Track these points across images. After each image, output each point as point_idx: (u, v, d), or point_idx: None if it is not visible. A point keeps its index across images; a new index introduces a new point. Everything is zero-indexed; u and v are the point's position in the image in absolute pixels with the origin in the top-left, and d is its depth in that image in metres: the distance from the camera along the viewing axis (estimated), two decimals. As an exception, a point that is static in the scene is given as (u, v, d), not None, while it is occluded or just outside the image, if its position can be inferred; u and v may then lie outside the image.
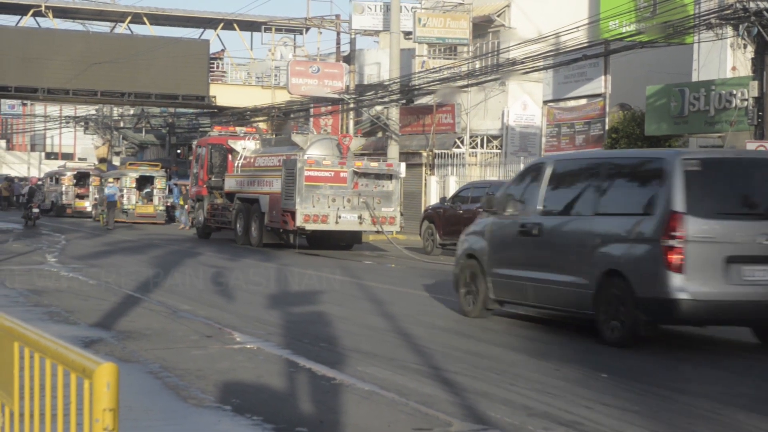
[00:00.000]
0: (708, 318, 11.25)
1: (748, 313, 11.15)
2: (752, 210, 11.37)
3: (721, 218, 11.03)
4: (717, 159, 11.86)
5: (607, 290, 11.42)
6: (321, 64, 46.79)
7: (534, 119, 38.45)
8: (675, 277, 10.73)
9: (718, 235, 10.91)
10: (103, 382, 3.24)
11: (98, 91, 51.61)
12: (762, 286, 10.93)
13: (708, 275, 10.83)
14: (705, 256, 10.85)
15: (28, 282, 17.19)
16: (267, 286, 17.91)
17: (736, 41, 26.46)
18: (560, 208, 12.64)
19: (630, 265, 11.21)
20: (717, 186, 11.27)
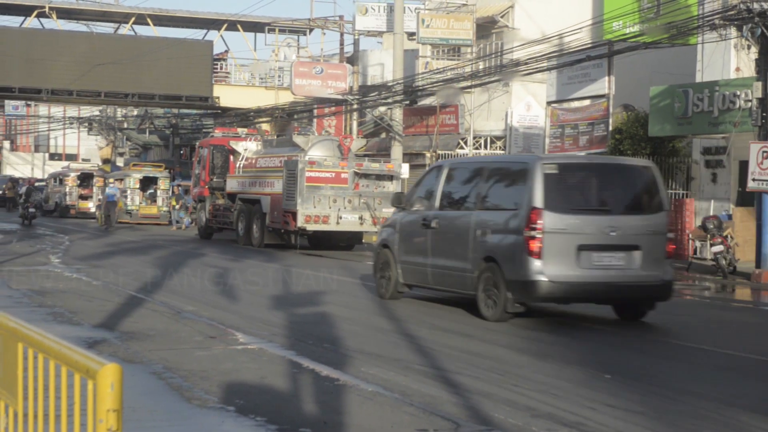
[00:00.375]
0: (563, 297, 13.52)
1: (597, 293, 13.44)
2: (600, 206, 13.56)
3: (574, 213, 13.17)
4: (571, 164, 14.44)
5: (484, 274, 13.57)
6: (324, 65, 46.78)
7: (537, 120, 38.44)
8: (535, 263, 12.88)
9: (571, 227, 13.04)
10: (106, 383, 3.24)
11: (102, 92, 51.65)
12: (608, 269, 13.19)
13: (563, 261, 12.97)
14: (560, 245, 12.97)
15: (32, 283, 17.21)
16: (270, 286, 17.91)
17: (740, 42, 26.44)
18: (452, 204, 14.88)
19: (501, 253, 13.37)
20: (571, 186, 13.56)
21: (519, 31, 38.36)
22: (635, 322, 13.96)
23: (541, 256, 12.87)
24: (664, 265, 13.78)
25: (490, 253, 13.53)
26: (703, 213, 27.33)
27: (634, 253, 13.36)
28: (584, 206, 13.46)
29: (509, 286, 13.11)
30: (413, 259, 15.29)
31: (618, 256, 13.31)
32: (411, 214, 15.59)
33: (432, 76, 38.18)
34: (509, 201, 13.66)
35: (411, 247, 15.41)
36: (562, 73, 33.39)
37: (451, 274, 14.40)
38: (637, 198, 14.04)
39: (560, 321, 13.93)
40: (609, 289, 13.36)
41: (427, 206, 15.25)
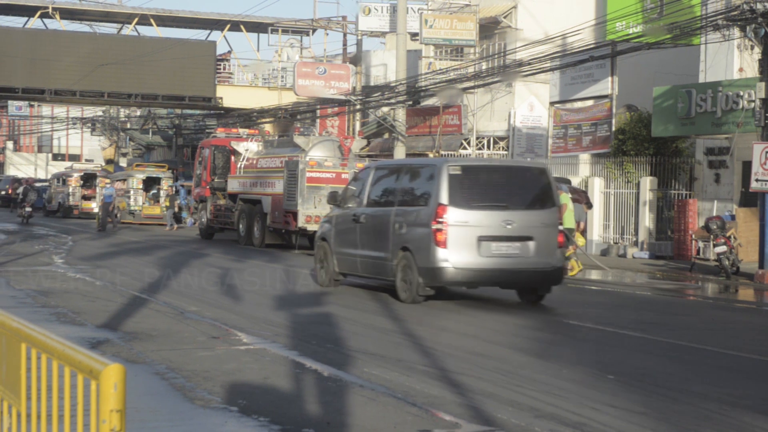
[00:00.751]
0: (466, 281, 15.43)
1: (496, 278, 15.39)
2: (498, 203, 15.36)
3: (474, 209, 15.10)
4: (473, 166, 16.58)
5: (401, 262, 15.50)
6: (327, 66, 46.79)
7: (540, 120, 38.43)
8: (441, 252, 14.86)
9: (472, 221, 15.00)
10: (110, 383, 3.25)
11: (105, 92, 51.70)
12: (505, 257, 15.17)
13: (465, 250, 14.91)
14: (463, 236, 14.92)
15: (36, 283, 17.23)
16: (273, 287, 17.92)
17: (744, 42, 26.41)
18: (377, 201, 16.80)
19: (414, 243, 15.31)
20: (472, 185, 15.41)
21: (522, 32, 38.35)
22: (638, 324, 13.97)
23: (446, 246, 14.88)
24: (556, 254, 15.58)
25: (405, 244, 15.51)
26: (707, 213, 27.32)
27: (529, 243, 15.27)
28: (484, 202, 15.32)
29: (420, 272, 15.11)
30: (346, 250, 17.22)
31: (514, 245, 15.22)
32: (344, 211, 17.53)
33: (435, 76, 38.18)
34: (421, 198, 15.59)
35: (344, 240, 17.32)
36: (565, 74, 33.38)
37: (375, 262, 16.35)
38: (531, 196, 15.88)
39: (562, 322, 13.93)
40: (506, 274, 15.32)
41: (357, 203, 17.23)
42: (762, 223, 22.87)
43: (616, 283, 22.14)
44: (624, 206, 30.58)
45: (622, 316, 15.17)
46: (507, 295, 16.65)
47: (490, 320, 13.91)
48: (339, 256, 17.37)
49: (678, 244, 28.14)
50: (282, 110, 48.45)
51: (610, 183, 31.09)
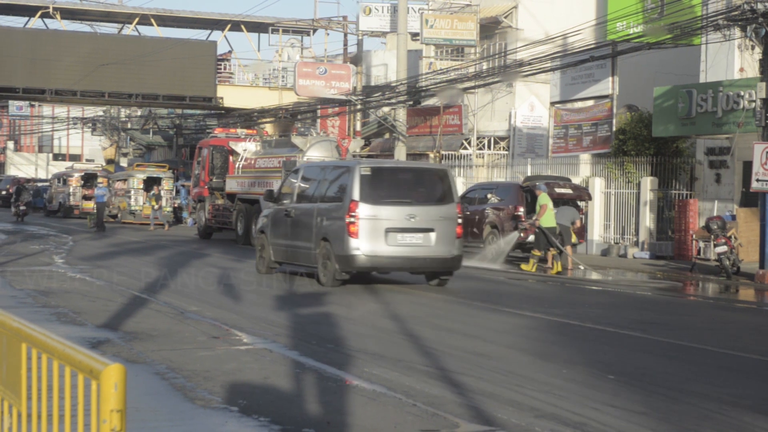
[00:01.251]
0: (375, 267, 17.74)
1: (401, 264, 17.75)
2: (403, 199, 17.57)
3: (382, 204, 17.31)
4: (382, 167, 18.63)
5: (321, 251, 17.77)
6: (328, 66, 46.79)
7: (541, 120, 38.43)
8: (353, 241, 17.11)
9: (381, 215, 17.27)
10: (110, 383, 3.25)
11: (106, 92, 51.70)
12: (409, 246, 17.41)
13: (374, 240, 17.15)
14: (372, 228, 17.14)
15: (36, 283, 17.23)
16: (273, 287, 17.92)
17: (744, 42, 26.40)
18: (304, 198, 19.06)
19: (332, 234, 17.55)
20: (381, 184, 17.58)
21: (522, 32, 38.36)
22: (638, 324, 13.98)
23: (358, 237, 17.16)
24: (454, 243, 17.82)
25: (325, 235, 17.77)
26: (707, 213, 27.31)
27: (430, 234, 17.57)
28: (391, 199, 17.50)
29: (337, 260, 17.34)
30: (279, 241, 19.57)
31: (417, 236, 17.51)
32: (279, 207, 19.89)
33: (435, 76, 38.19)
34: (338, 195, 17.88)
35: (278, 232, 19.65)
36: (565, 74, 33.38)
37: (302, 252, 18.66)
38: (433, 193, 18.08)
39: (563, 322, 13.93)
40: (411, 261, 17.67)
41: (289, 200, 19.56)
42: (763, 223, 22.86)
43: (617, 282, 22.14)
44: (624, 206, 30.57)
45: (623, 316, 15.18)
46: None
47: (490, 320, 13.91)
48: (274, 246, 19.76)
49: (678, 244, 28.14)
50: (282, 110, 48.45)
51: (611, 183, 31.09)
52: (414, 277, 19.64)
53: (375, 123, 45.91)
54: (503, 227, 26.07)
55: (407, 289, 18.28)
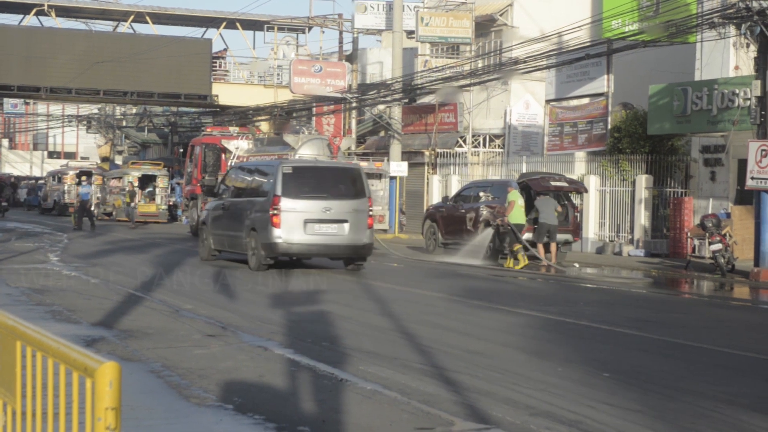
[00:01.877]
0: (295, 253, 20.41)
1: (318, 251, 20.48)
2: (319, 194, 20.19)
3: (301, 198, 19.97)
4: (301, 166, 21.44)
5: (250, 239, 20.39)
6: (323, 63, 46.74)
7: (536, 118, 38.44)
8: (276, 231, 19.74)
9: (300, 208, 19.92)
10: (105, 381, 3.24)
11: (101, 90, 51.63)
12: (325, 235, 20.11)
13: (294, 230, 19.80)
14: (292, 219, 19.77)
15: (31, 281, 17.20)
16: (268, 285, 17.92)
17: (739, 40, 26.44)
18: (238, 193, 21.97)
19: (258, 224, 20.19)
20: (300, 181, 20.20)
21: (518, 30, 38.36)
22: (633, 322, 14.00)
23: (279, 227, 19.76)
24: (365, 233, 20.49)
25: (253, 225, 20.35)
26: (702, 211, 27.35)
27: (344, 225, 20.18)
28: (309, 194, 20.11)
29: (262, 247, 19.99)
30: (218, 231, 22.12)
31: (332, 227, 20.11)
32: (218, 200, 22.65)
33: (431, 74, 38.17)
34: (263, 190, 20.55)
35: (216, 224, 22.18)
36: (561, 72, 33.39)
37: (235, 240, 21.26)
38: (347, 189, 20.66)
39: (558, 320, 13.93)
40: (326, 248, 20.38)
41: (227, 194, 22.34)
42: (757, 221, 22.89)
43: (612, 280, 22.15)
44: (620, 204, 30.60)
45: (618, 313, 15.19)
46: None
47: (486, 318, 13.92)
48: (213, 236, 22.36)
49: (673, 242, 28.18)
50: (278, 108, 48.42)
51: (606, 181, 31.11)
52: (415, 279, 19.61)
53: (370, 121, 45.88)
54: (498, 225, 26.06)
55: (403, 287, 18.29)
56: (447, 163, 39.95)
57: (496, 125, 39.87)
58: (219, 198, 22.61)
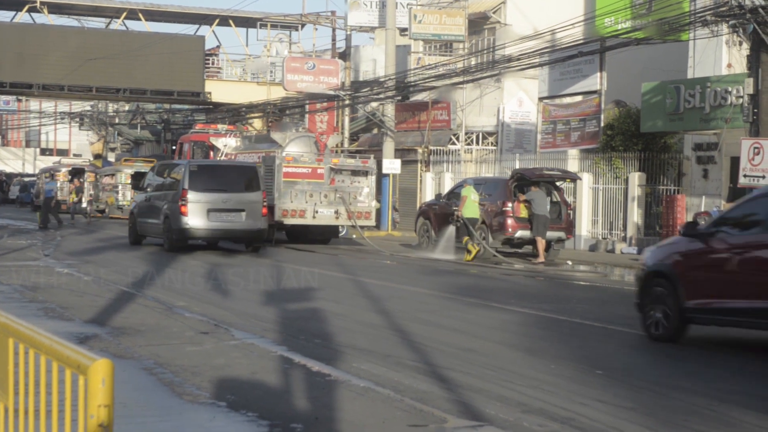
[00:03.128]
0: (200, 237, 24.66)
1: (219, 235, 24.89)
2: (220, 188, 24.45)
3: (205, 191, 24.13)
4: (205, 165, 26.38)
5: (165, 225, 24.45)
6: (316, 61, 46.68)
7: (529, 116, 38.45)
8: (184, 218, 23.91)
9: (203, 199, 24.03)
10: (98, 379, 3.24)
11: (93, 87, 51.50)
12: (225, 222, 24.38)
13: (199, 217, 23.99)
14: (198, 209, 23.93)
15: (23, 278, 17.17)
16: (261, 282, 17.91)
17: (732, 38, 26.46)
18: (159, 187, 25.97)
19: (171, 213, 24.24)
20: (205, 177, 24.48)
21: (511, 27, 38.37)
22: (626, 320, 14.03)
23: (187, 215, 23.92)
24: (259, 220, 24.73)
25: (167, 214, 24.43)
26: (695, 209, 27.38)
27: (241, 213, 24.47)
28: (211, 187, 24.35)
29: (173, 232, 24.22)
30: (143, 219, 26.15)
31: (231, 215, 24.41)
32: (144, 194, 26.87)
33: (424, 71, 38.17)
34: (175, 185, 24.70)
35: (141, 213, 26.32)
36: (554, 69, 33.40)
37: (155, 227, 25.28)
38: (243, 183, 24.90)
39: (550, 317, 13.94)
40: (227, 233, 24.87)
41: (151, 188, 26.51)
42: (750, 219, 22.88)
43: (604, 278, 22.17)
44: (612, 202, 30.63)
45: (610, 311, 15.20)
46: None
47: (479, 316, 13.92)
48: (139, 223, 26.41)
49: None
50: (271, 105, 48.38)
51: (599, 178, 31.13)
52: (408, 276, 19.56)
53: (363, 118, 45.85)
54: (492, 223, 26.10)
55: (397, 285, 18.29)
56: (440, 161, 39.95)
57: (489, 123, 39.88)
58: (144, 192, 26.98)
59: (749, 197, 11.78)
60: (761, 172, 21.89)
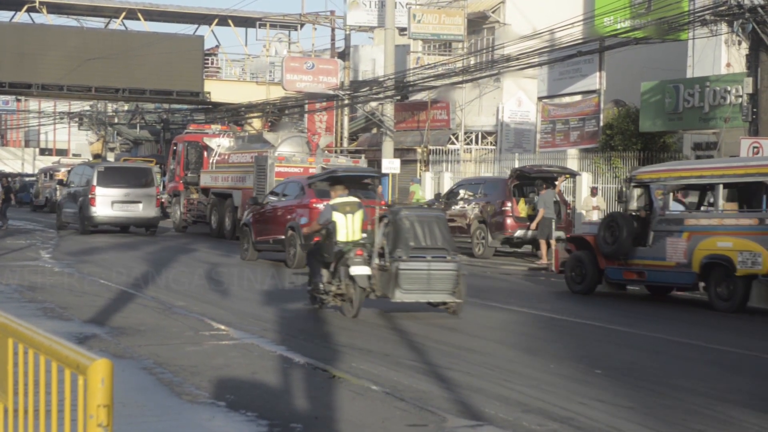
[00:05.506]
0: (106, 223, 30.84)
1: (122, 221, 30.74)
2: (122, 184, 30.25)
3: (110, 187, 29.92)
4: (110, 166, 34.31)
5: (80, 213, 30.46)
6: (316, 60, 46.66)
7: (529, 115, 38.44)
8: (92, 208, 29.84)
9: (108, 194, 29.94)
10: (97, 378, 3.24)
11: (92, 86, 51.45)
12: (125, 212, 30.21)
13: (105, 207, 29.90)
14: (104, 201, 29.78)
15: (23, 278, 17.16)
16: (260, 282, 17.91)
17: (731, 38, 26.46)
18: (76, 184, 31.50)
19: (81, 203, 30.28)
20: (109, 176, 30.61)
21: (510, 27, 38.36)
22: (625, 319, 14.01)
23: (95, 205, 29.91)
24: (154, 210, 30.80)
25: (81, 205, 30.35)
26: (694, 208, 27.34)
27: (138, 205, 30.37)
28: (115, 184, 30.26)
29: (84, 219, 30.32)
30: (65, 210, 32.26)
31: (131, 206, 30.36)
32: (67, 189, 32.96)
33: (423, 71, 38.16)
34: (87, 182, 30.63)
35: (63, 205, 32.66)
36: (553, 69, 33.40)
37: (72, 215, 31.29)
38: (140, 181, 30.95)
39: (549, 317, 13.94)
40: (127, 220, 30.82)
41: (72, 185, 32.47)
42: (749, 218, 22.89)
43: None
44: (612, 201, 30.62)
45: (609, 310, 15.20)
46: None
47: (477, 315, 13.91)
48: (63, 214, 32.45)
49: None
50: (270, 105, 48.36)
51: (598, 178, 31.13)
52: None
53: (363, 118, 45.81)
54: (491, 222, 26.10)
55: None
56: (439, 161, 39.94)
57: (489, 122, 39.87)
58: (67, 187, 33.24)
59: (285, 181, 24.80)
60: (760, 172, 21.87)
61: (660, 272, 16.28)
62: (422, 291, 13.24)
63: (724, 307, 15.13)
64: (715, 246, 15.30)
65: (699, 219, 16.14)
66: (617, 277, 17.18)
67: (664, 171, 17.44)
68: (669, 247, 16.05)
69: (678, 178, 16.85)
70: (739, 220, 15.44)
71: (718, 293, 15.35)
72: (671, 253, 16.01)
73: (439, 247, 13.28)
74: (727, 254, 15.01)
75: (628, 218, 16.77)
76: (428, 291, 13.25)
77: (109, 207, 30.08)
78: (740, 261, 14.78)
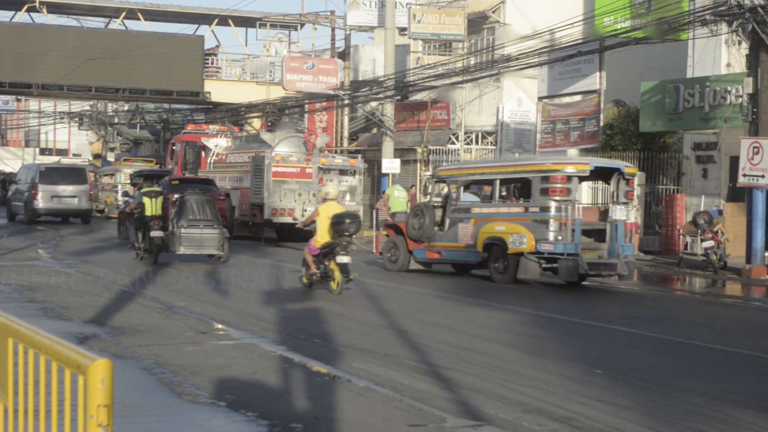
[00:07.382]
0: (47, 214, 36.33)
1: (61, 212, 36.92)
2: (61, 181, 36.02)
3: (50, 184, 35.80)
4: (51, 166, 39.67)
5: (26, 206, 36.14)
6: (316, 60, 46.65)
7: (529, 115, 38.44)
8: (35, 202, 35.48)
9: (48, 189, 35.51)
10: (97, 378, 3.24)
11: (93, 86, 51.45)
12: (64, 204, 35.98)
13: (45, 200, 35.63)
14: (45, 195, 35.60)
15: (23, 278, 17.17)
16: (260, 282, 17.91)
17: (731, 38, 26.46)
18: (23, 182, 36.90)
19: (28, 198, 35.85)
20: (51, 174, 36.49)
21: (510, 27, 38.35)
22: (625, 319, 14.02)
23: (38, 199, 34.82)
24: (88, 203, 36.20)
25: (26, 200, 35.38)
26: (694, 208, 27.38)
27: (74, 199, 35.53)
28: (53, 181, 34.97)
29: (29, 211, 35.16)
30: (13, 203, 37.31)
31: (68, 199, 35.40)
32: (15, 185, 37.96)
33: (423, 71, 38.15)
34: (32, 179, 35.55)
35: (13, 198, 37.59)
36: (553, 69, 33.40)
37: (20, 209, 36.10)
38: (77, 178, 36.11)
39: (550, 317, 13.95)
40: (65, 211, 36.15)
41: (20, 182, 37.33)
42: (749, 218, 22.94)
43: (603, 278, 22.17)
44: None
45: (610, 310, 15.21)
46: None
47: (478, 315, 13.92)
48: (12, 206, 37.38)
49: (666, 239, 28.20)
50: (270, 105, 48.36)
51: (598, 178, 31.11)
52: (404, 278, 19.56)
53: (363, 118, 45.81)
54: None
55: (393, 284, 18.29)
56: (439, 160, 39.90)
57: (489, 122, 39.86)
58: (17, 184, 38.14)
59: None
60: (760, 172, 21.89)
61: (454, 252, 19.85)
62: (197, 247, 20.80)
63: (501, 279, 18.64)
64: (493, 230, 18.88)
65: (482, 208, 19.81)
66: (422, 257, 20.68)
67: (456, 169, 21.88)
68: (460, 231, 19.70)
69: (467, 174, 20.71)
70: (510, 208, 19.18)
71: (495, 268, 18.88)
72: (462, 236, 19.65)
73: (209, 219, 20.82)
74: (502, 236, 18.58)
75: (430, 207, 20.36)
76: (201, 247, 20.85)
77: (49, 200, 35.73)
78: (511, 241, 18.33)
